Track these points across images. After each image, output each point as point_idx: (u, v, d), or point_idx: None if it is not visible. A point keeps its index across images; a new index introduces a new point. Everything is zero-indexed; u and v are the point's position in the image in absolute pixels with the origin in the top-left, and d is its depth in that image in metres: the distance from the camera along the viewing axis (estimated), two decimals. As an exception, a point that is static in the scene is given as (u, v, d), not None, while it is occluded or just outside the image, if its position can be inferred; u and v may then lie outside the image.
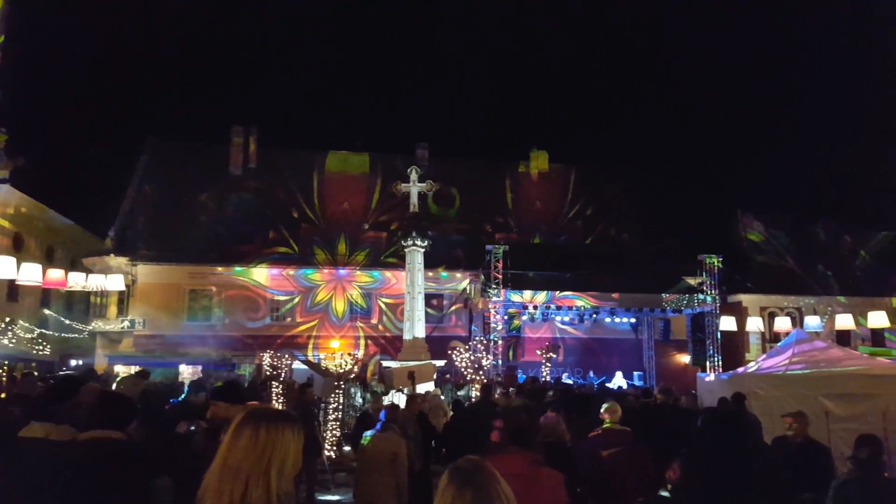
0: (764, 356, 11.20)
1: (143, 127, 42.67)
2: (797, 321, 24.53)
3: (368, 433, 6.98)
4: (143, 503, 3.22)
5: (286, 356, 17.62)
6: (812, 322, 19.70)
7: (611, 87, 69.80)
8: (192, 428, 4.18)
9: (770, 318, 26.48)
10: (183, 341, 26.57)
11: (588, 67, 70.64)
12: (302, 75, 66.15)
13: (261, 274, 28.91)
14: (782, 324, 20.93)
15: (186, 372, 24.38)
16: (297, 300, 29.18)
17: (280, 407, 13.89)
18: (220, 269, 28.46)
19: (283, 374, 16.21)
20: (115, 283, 17.37)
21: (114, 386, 7.37)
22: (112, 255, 26.89)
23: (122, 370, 21.72)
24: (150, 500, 3.27)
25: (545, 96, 68.50)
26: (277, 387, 14.42)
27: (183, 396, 7.06)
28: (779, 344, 11.27)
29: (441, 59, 70.45)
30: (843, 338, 24.63)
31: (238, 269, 28.59)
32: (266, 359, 17.93)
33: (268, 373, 17.02)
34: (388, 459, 6.57)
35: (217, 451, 2.14)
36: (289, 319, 29.12)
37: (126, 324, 26.85)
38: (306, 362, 18.63)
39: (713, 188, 46.67)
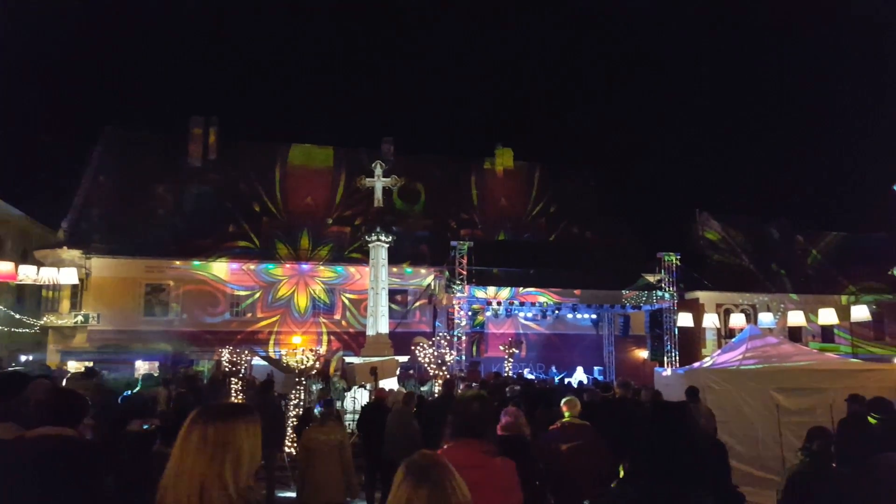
0: (719, 351, 11.50)
1: (100, 116, 41.43)
2: (751, 318, 25.25)
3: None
4: (96, 502, 3.11)
5: (246, 352, 17.33)
6: (765, 319, 20.32)
7: (576, 86, 70.62)
8: (146, 427, 4.07)
9: (725, 314, 27.21)
10: (139, 337, 25.93)
11: (554, 66, 71.31)
12: (265, 66, 65.09)
13: (220, 268, 28.37)
14: (737, 320, 21.50)
15: (143, 368, 23.80)
16: (257, 295, 28.74)
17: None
18: (177, 262, 27.82)
19: (242, 371, 15.92)
20: (69, 276, 16.81)
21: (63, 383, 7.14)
22: (65, 247, 26.05)
23: (75, 366, 21.07)
24: (102, 499, 3.17)
25: (511, 94, 68.90)
26: (237, 383, 14.17)
27: (137, 389, 6.90)
28: (733, 340, 11.56)
29: (408, 54, 70.19)
30: (794, 334, 25.46)
31: (197, 263, 27.99)
32: (225, 355, 17.57)
33: (227, 369, 16.69)
34: (333, 447, 6.82)
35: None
36: (249, 315, 28.67)
37: (80, 318, 26.03)
38: (266, 358, 18.37)
39: (673, 188, 47.77)
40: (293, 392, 12.83)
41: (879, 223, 30.45)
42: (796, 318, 17.79)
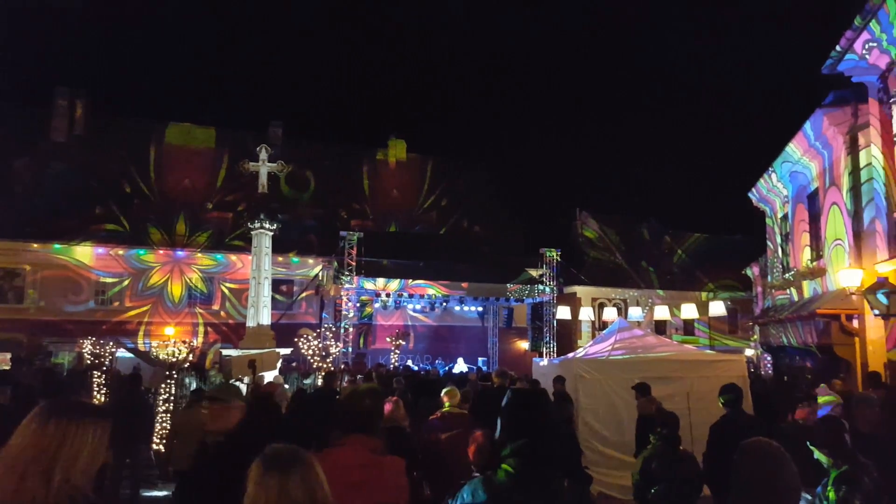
0: (591, 343, 12.14)
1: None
2: (623, 311, 26.95)
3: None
4: None
5: (111, 343, 16.09)
6: (634, 313, 21.70)
7: (471, 82, 71.80)
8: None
9: (600, 308, 28.85)
10: (-12, 325, 23.36)
11: (450, 61, 72.06)
12: (142, 37, 60.52)
13: (84, 253, 26.13)
14: (610, 314, 22.82)
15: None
16: (126, 283, 26.76)
17: (102, 398, 12.67)
18: (35, 245, 25.35)
19: (105, 363, 14.77)
20: None
21: None
22: None
23: None
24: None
25: (405, 85, 68.85)
26: (100, 376, 13.14)
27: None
28: (604, 332, 12.27)
29: (301, 37, 68.04)
30: (660, 327, 27.37)
31: (57, 246, 25.63)
32: (87, 346, 16.24)
33: (89, 361, 15.43)
34: (195, 430, 7.18)
35: None
36: (116, 304, 26.65)
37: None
38: (134, 350, 17.13)
39: (557, 187, 49.93)
40: (163, 386, 12.07)
41: (736, 226, 33.64)
42: (662, 312, 19.15)
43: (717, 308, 19.28)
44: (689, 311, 19.17)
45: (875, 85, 11.23)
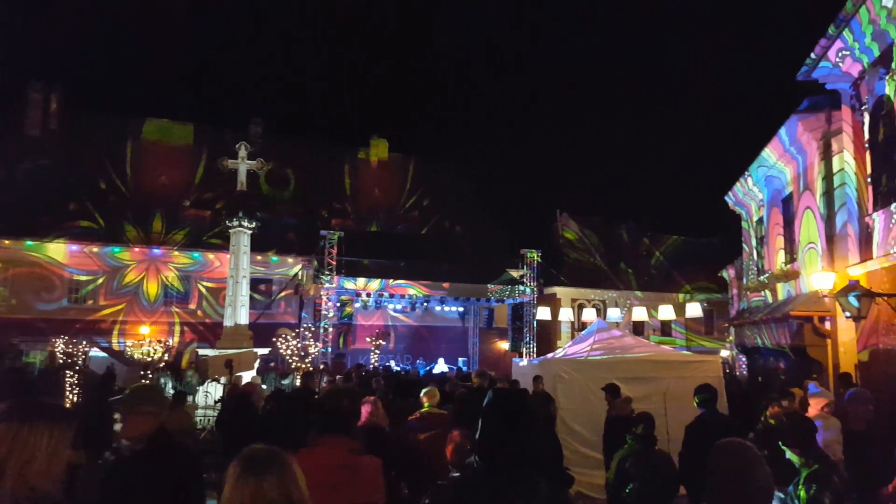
0: (570, 343, 12.22)
1: None
2: (601, 312, 27.15)
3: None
4: None
5: (84, 343, 15.83)
6: (613, 314, 21.83)
7: (454, 83, 71.84)
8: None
9: (579, 309, 29.04)
10: (-44, 324, 22.81)
11: (433, 61, 72.03)
12: (121, 32, 59.60)
13: (58, 250, 25.65)
14: (589, 315, 22.94)
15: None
16: (101, 281, 26.32)
17: (74, 398, 12.46)
18: (6, 242, 24.82)
19: (78, 363, 14.53)
20: None
21: None
22: None
23: None
24: None
25: (388, 85, 68.69)
26: (72, 376, 12.92)
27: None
28: (583, 332, 12.35)
29: (283, 34, 67.54)
30: (638, 328, 27.77)
31: (30, 243, 25.13)
32: (60, 345, 15.95)
33: (61, 361, 15.16)
34: (177, 431, 7.43)
35: None
36: (90, 302, 26.19)
37: None
38: (107, 350, 16.87)
39: (538, 188, 50.19)
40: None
41: (712, 229, 34.12)
42: (640, 313, 19.33)
43: (694, 309, 19.52)
44: (666, 312, 19.37)
45: (848, 92, 11.46)
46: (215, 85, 61.65)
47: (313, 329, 21.58)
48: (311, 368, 15.24)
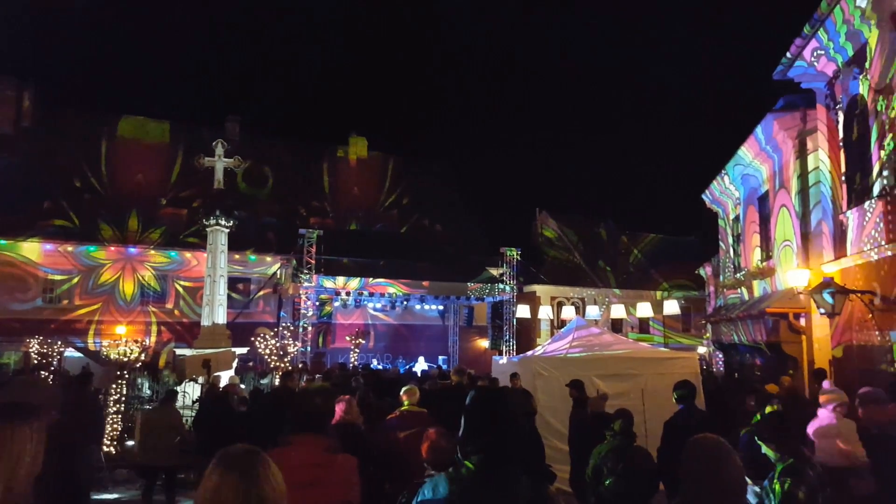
0: (549, 341, 12.27)
1: None
2: (580, 310, 27.34)
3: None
4: None
5: (59, 343, 15.53)
6: (592, 311, 22.04)
7: (434, 82, 71.77)
8: None
9: (558, 306, 29.22)
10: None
11: (413, 59, 71.88)
12: (96, 28, 58.55)
13: (32, 249, 25.16)
14: (568, 312, 23.08)
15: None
16: (76, 280, 25.86)
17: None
18: (-22, 241, 24.25)
19: (53, 363, 14.26)
20: None
21: None
22: None
23: None
24: None
25: (367, 83, 68.37)
26: (47, 376, 12.67)
27: None
28: (562, 330, 12.41)
29: (260, 31, 66.89)
30: (616, 325, 28.04)
31: (3, 242, 24.66)
32: (34, 345, 15.64)
33: (36, 361, 14.87)
34: (167, 427, 8.19)
35: None
36: (65, 302, 25.72)
37: None
38: (83, 350, 16.58)
39: (517, 187, 50.38)
40: (114, 387, 11.71)
41: (690, 227, 34.58)
42: (618, 310, 19.51)
43: (672, 307, 19.73)
44: (644, 309, 19.56)
45: (823, 91, 11.66)
46: (192, 82, 60.90)
47: (292, 328, 21.40)
48: (290, 368, 15.11)
